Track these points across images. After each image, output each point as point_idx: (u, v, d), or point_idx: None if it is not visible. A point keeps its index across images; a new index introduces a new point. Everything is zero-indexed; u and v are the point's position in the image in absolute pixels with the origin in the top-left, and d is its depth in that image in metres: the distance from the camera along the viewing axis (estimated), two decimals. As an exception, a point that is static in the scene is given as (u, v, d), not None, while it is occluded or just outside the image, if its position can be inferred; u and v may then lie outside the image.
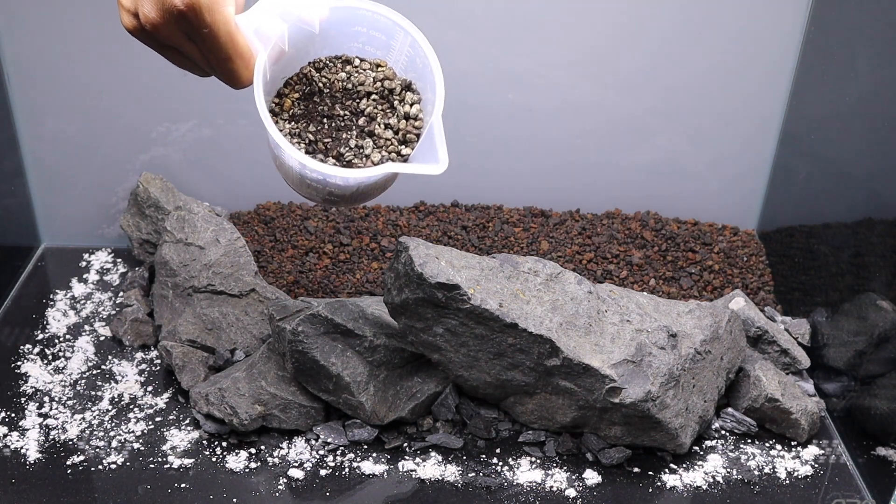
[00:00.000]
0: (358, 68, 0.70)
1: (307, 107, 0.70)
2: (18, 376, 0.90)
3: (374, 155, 0.68)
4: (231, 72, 0.64)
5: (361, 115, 0.70)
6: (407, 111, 0.69)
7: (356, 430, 0.82)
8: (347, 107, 0.70)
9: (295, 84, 0.70)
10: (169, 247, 0.95)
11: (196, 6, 0.60)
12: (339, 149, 0.68)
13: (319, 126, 0.69)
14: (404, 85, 0.70)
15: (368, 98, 0.70)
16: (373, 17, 0.67)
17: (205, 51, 0.63)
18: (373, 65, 0.70)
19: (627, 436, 0.81)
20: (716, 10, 1.00)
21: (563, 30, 1.02)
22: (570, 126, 1.08)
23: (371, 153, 0.68)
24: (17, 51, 1.00)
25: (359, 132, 0.69)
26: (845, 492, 0.80)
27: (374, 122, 0.69)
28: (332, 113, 0.69)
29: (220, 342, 0.90)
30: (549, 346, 0.77)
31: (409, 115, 0.69)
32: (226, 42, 0.62)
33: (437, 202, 1.13)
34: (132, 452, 0.81)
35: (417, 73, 0.69)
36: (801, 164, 1.03)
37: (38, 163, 1.07)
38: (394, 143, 0.69)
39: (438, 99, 0.66)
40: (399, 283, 0.78)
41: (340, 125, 0.69)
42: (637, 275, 1.03)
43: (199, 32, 0.61)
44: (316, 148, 0.69)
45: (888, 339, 0.82)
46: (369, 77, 0.70)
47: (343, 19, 0.68)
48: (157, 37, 0.63)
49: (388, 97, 0.70)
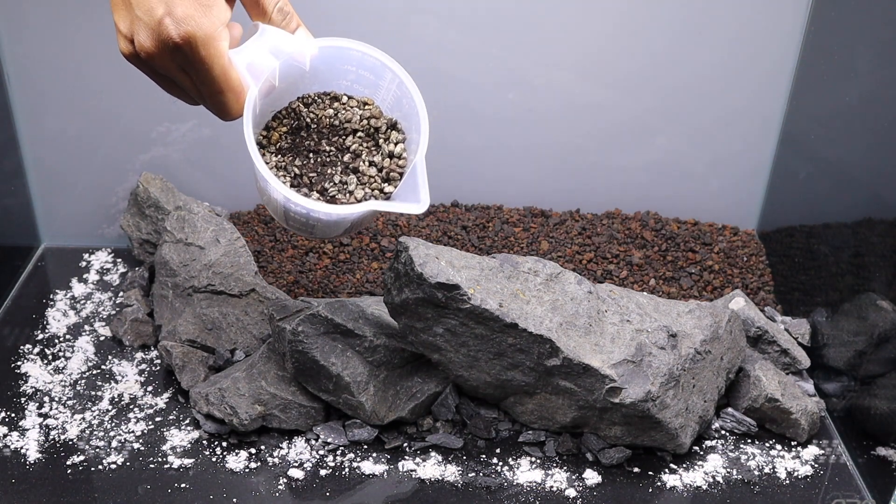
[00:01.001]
0: (345, 105, 0.71)
1: (294, 141, 0.71)
2: (18, 376, 0.90)
3: (358, 191, 0.69)
4: (222, 104, 0.65)
5: (347, 151, 0.71)
6: (391, 150, 0.70)
7: (356, 430, 0.82)
8: (333, 143, 0.71)
9: (283, 118, 0.71)
10: (169, 247, 0.95)
11: (191, 40, 0.61)
12: (324, 183, 0.70)
13: (305, 160, 0.70)
14: (390, 124, 0.71)
15: (354, 135, 0.71)
16: (362, 57, 0.69)
17: (198, 83, 0.64)
18: (360, 102, 0.72)
19: (627, 436, 0.81)
20: (716, 11, 1.00)
21: (564, 30, 1.02)
22: (570, 126, 1.08)
23: (355, 189, 0.69)
24: (17, 51, 1.00)
25: (343, 168, 0.70)
26: (845, 492, 0.80)
27: (359, 159, 0.71)
28: (318, 148, 0.71)
29: (220, 342, 0.90)
30: (549, 346, 0.77)
31: (394, 154, 0.70)
32: (219, 76, 0.63)
33: (437, 202, 1.13)
34: (132, 452, 0.81)
35: (403, 113, 0.70)
36: (801, 165, 1.03)
37: (38, 163, 1.07)
38: (377, 181, 0.70)
39: (423, 140, 0.67)
40: (399, 283, 0.78)
41: (326, 160, 0.71)
42: (637, 275, 1.03)
43: (192, 65, 0.62)
44: (301, 181, 0.70)
45: (888, 339, 0.82)
46: (356, 114, 0.71)
47: (333, 57, 0.69)
48: (152, 65, 0.63)
49: (374, 135, 0.71)
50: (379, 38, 1.04)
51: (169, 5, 0.60)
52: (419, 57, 1.02)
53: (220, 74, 0.63)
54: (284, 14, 0.67)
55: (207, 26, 0.61)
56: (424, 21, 1.01)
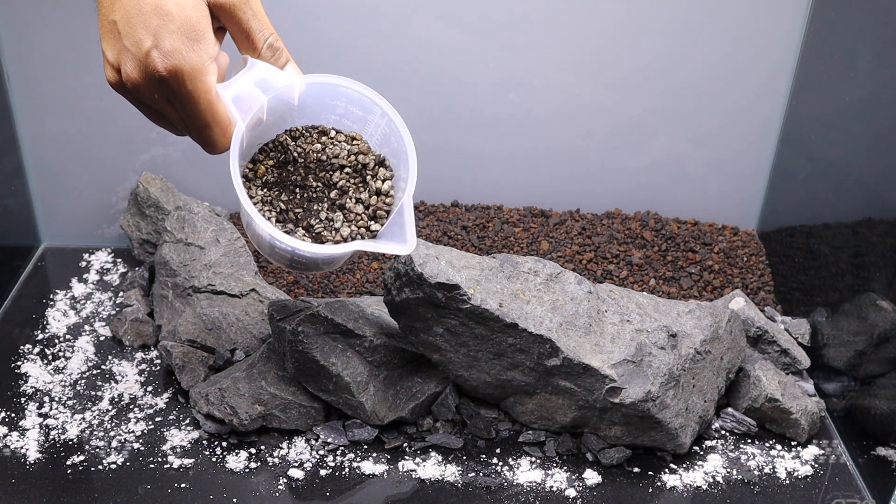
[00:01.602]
0: (333, 140, 0.71)
1: (280, 175, 0.70)
2: (18, 376, 0.90)
3: (344, 229, 0.69)
4: (208, 139, 0.64)
5: (333, 187, 0.70)
6: (379, 187, 0.70)
7: (356, 430, 0.82)
8: (320, 178, 0.70)
9: (270, 151, 0.70)
10: (169, 247, 0.95)
11: (178, 73, 0.60)
12: (310, 220, 0.69)
13: (291, 195, 0.70)
14: (378, 160, 0.71)
15: (342, 171, 0.70)
16: (350, 93, 0.68)
17: (184, 116, 0.63)
18: (348, 137, 0.71)
19: (627, 436, 0.81)
20: (716, 11, 1.00)
21: (564, 30, 1.02)
22: (570, 126, 1.08)
23: (340, 227, 0.69)
24: (17, 51, 1.00)
25: (330, 205, 0.70)
26: (845, 492, 0.80)
27: (346, 196, 0.70)
28: (305, 183, 0.70)
29: (220, 342, 0.90)
30: (549, 346, 0.77)
31: (381, 191, 0.70)
32: (205, 110, 0.62)
33: (437, 202, 1.13)
34: (132, 452, 0.81)
35: (392, 150, 0.70)
36: (801, 165, 1.03)
37: (38, 163, 1.07)
38: (363, 219, 0.70)
39: (411, 179, 0.67)
40: (399, 282, 0.78)
41: (312, 196, 0.70)
42: (637, 275, 1.03)
43: (179, 98, 0.62)
44: (286, 217, 0.69)
45: (888, 339, 0.82)
46: (344, 150, 0.70)
47: (322, 92, 0.68)
48: (138, 96, 0.63)
49: (362, 171, 0.71)
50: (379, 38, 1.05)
51: (157, 38, 0.60)
52: (419, 58, 1.02)
53: (207, 108, 0.62)
54: (274, 50, 0.66)
55: (195, 60, 0.60)
56: (424, 22, 1.01)
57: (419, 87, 1.05)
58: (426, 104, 1.05)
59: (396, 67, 1.03)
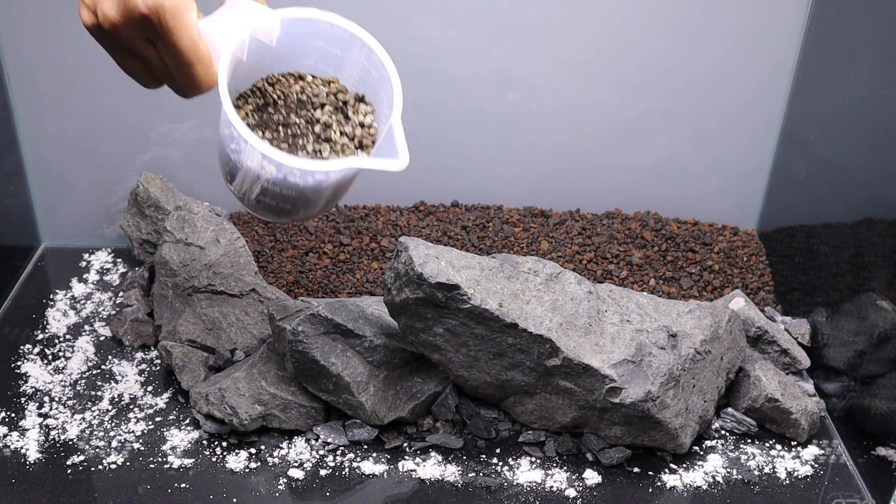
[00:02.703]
0: (311, 84, 0.71)
1: (262, 117, 0.70)
2: (18, 376, 0.90)
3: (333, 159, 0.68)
4: (190, 77, 0.62)
5: (317, 123, 0.70)
6: (361, 120, 0.70)
7: (356, 430, 0.82)
8: (302, 116, 0.70)
9: (248, 97, 0.70)
10: (169, 247, 0.95)
11: (160, 11, 0.59)
12: (297, 154, 0.69)
13: (275, 133, 0.69)
14: (357, 98, 0.71)
15: (323, 108, 0.70)
16: (330, 30, 0.67)
17: (165, 55, 0.61)
18: (325, 81, 0.71)
19: (627, 436, 0.81)
20: (716, 11, 1.00)
21: (564, 30, 1.02)
22: (571, 126, 1.08)
23: (329, 157, 0.68)
24: (17, 51, 1.00)
25: (315, 139, 0.69)
26: (845, 492, 0.80)
27: (330, 130, 0.70)
28: (288, 121, 0.70)
29: (220, 342, 0.90)
30: (549, 346, 0.77)
31: (364, 124, 0.70)
32: (188, 47, 0.61)
33: (437, 202, 1.13)
34: (132, 452, 0.81)
35: (370, 87, 0.70)
36: (801, 165, 1.03)
37: (38, 163, 1.07)
38: (351, 148, 0.69)
39: (397, 100, 0.66)
40: (399, 283, 0.78)
41: (297, 132, 0.69)
42: (637, 275, 1.03)
43: (160, 36, 0.60)
44: None
45: (888, 339, 0.82)
46: (322, 90, 0.70)
47: (299, 34, 0.68)
48: (116, 37, 0.61)
49: (343, 108, 0.71)
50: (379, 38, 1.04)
51: None
52: (420, 57, 1.02)
53: (190, 46, 0.60)
54: None
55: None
56: (425, 21, 1.01)
57: (419, 86, 1.04)
58: (426, 104, 1.04)
59: (396, 67, 1.03)
